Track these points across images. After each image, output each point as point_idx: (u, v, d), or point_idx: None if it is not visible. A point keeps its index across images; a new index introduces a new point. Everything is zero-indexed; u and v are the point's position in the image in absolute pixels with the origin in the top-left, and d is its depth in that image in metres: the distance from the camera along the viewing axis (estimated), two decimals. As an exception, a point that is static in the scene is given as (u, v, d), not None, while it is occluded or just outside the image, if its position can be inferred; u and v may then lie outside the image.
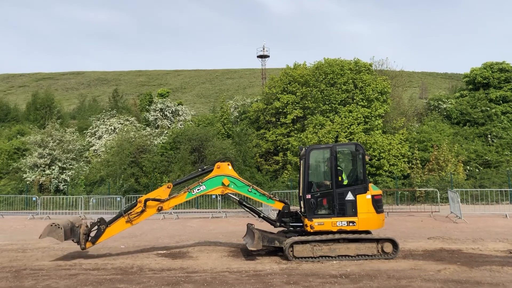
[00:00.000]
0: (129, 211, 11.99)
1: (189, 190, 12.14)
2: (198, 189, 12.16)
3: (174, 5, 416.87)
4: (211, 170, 12.27)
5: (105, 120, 37.86)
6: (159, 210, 12.09)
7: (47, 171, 31.45)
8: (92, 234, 11.96)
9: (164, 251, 13.03)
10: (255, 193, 12.15)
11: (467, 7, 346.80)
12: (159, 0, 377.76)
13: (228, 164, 12.27)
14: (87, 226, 12.05)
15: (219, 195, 22.15)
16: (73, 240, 11.97)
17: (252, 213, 12.97)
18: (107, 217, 20.15)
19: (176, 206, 23.96)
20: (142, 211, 11.92)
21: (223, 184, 12.02)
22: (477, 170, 28.38)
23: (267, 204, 13.03)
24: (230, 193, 12.38)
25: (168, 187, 12.23)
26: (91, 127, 37.86)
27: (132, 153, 30.17)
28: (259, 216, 12.79)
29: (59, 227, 11.44)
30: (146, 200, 11.93)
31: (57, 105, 47.96)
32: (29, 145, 33.32)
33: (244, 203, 12.70)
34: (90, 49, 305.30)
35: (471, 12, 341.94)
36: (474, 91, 35.77)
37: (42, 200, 23.69)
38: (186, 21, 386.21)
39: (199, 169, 12.88)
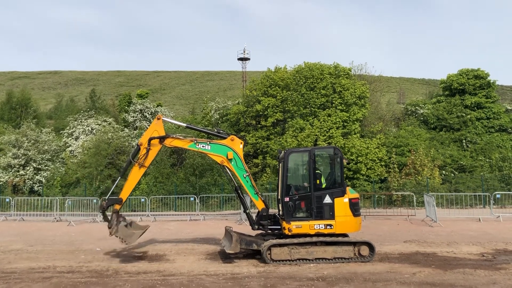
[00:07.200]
0: (136, 157, 12.12)
1: (195, 141, 12.34)
2: (203, 146, 12.32)
3: (154, 5, 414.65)
4: (225, 138, 12.42)
5: (83, 120, 37.29)
6: (162, 142, 12.28)
7: (21, 172, 30.82)
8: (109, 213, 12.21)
9: (141, 254, 12.88)
10: (247, 181, 12.20)
11: (445, 14, 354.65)
12: (139, 0, 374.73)
13: (241, 143, 12.39)
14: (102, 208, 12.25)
15: (197, 197, 22.52)
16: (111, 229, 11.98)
17: (240, 202, 13.01)
18: (82, 219, 19.76)
19: (154, 208, 24.02)
20: (148, 151, 12.09)
21: (227, 156, 12.11)
22: (452, 174, 28.89)
23: (249, 196, 12.81)
24: (227, 169, 12.43)
25: (158, 118, 12.43)
26: (68, 128, 37.25)
27: (110, 155, 29.79)
28: (244, 211, 12.77)
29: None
30: (150, 139, 12.07)
31: (33, 105, 47.09)
32: (3, 145, 32.55)
33: (239, 191, 12.72)
34: (68, 48, 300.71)
35: (449, 19, 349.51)
36: (450, 97, 36.44)
37: (15, 202, 23.14)
38: (167, 22, 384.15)
39: (215, 129, 13.10)
